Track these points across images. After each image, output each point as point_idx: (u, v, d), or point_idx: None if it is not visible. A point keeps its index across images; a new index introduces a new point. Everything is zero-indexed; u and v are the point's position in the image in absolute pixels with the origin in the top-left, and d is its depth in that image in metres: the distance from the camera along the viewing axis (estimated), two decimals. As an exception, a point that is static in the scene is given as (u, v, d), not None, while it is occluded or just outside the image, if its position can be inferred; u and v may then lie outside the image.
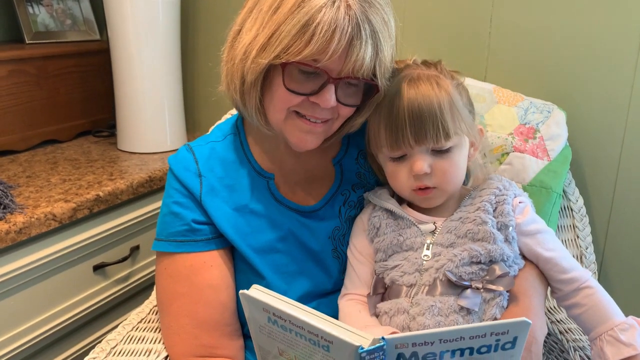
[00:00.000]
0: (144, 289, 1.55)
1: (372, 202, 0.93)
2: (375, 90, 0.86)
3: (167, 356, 0.94)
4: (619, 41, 1.19)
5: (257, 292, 0.70)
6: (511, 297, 0.82)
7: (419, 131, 0.82)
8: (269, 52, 0.80)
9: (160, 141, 1.66)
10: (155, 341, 0.97)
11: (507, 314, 0.81)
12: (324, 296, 0.95)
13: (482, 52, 1.33)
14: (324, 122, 0.87)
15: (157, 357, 0.93)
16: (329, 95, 0.82)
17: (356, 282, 0.90)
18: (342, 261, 0.96)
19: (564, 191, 1.17)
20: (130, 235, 1.46)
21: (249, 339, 0.95)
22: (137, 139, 1.64)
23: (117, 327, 1.01)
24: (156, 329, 1.01)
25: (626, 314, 0.85)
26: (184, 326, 0.91)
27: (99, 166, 1.51)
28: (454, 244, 0.84)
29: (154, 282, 0.99)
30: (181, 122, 1.71)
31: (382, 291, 0.87)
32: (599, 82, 1.22)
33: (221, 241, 0.93)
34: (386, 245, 0.87)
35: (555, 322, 1.10)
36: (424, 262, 0.84)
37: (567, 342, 1.04)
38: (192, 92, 1.84)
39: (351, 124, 0.92)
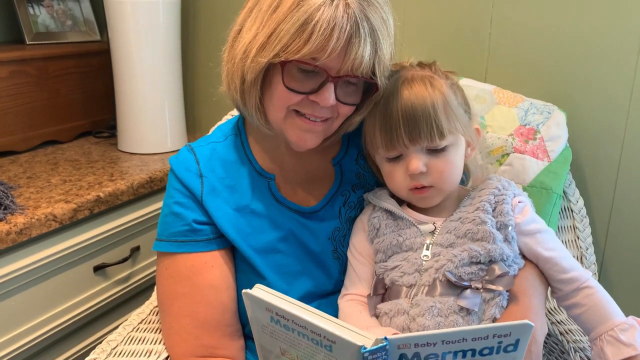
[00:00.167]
0: (145, 290, 1.55)
1: (371, 202, 0.93)
2: (374, 89, 0.86)
3: (168, 357, 0.94)
4: (619, 42, 1.19)
5: (260, 291, 0.70)
6: (511, 297, 0.82)
7: (412, 131, 0.83)
8: (269, 50, 0.81)
9: (160, 142, 1.66)
10: (155, 342, 0.97)
11: (506, 313, 0.81)
12: (325, 297, 0.96)
13: (482, 53, 1.33)
14: (324, 121, 0.88)
15: (157, 358, 0.93)
16: (328, 93, 0.83)
17: (356, 283, 0.91)
18: (343, 262, 0.96)
19: (564, 192, 1.17)
20: (130, 236, 1.46)
21: (250, 340, 0.95)
22: (138, 139, 1.64)
23: (117, 327, 1.01)
24: (157, 330, 1.01)
25: (626, 314, 0.85)
26: (185, 326, 0.91)
27: (99, 167, 1.51)
28: (453, 244, 0.85)
29: (155, 283, 0.99)
30: (181, 122, 1.71)
31: (382, 292, 0.87)
32: (599, 83, 1.22)
33: (222, 241, 0.93)
34: (386, 245, 0.88)
35: (555, 323, 1.10)
36: (424, 262, 0.84)
37: (568, 343, 1.04)
38: (193, 92, 1.84)
39: (349, 123, 0.92)
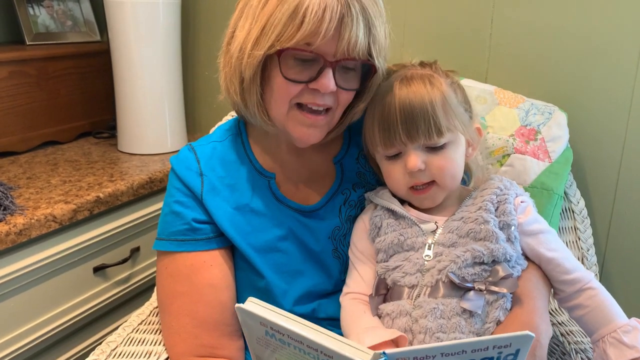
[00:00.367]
0: (145, 291, 1.54)
1: (373, 201, 0.93)
2: (372, 71, 0.87)
3: (167, 358, 0.94)
4: (620, 42, 1.18)
5: (253, 305, 0.70)
6: (515, 299, 0.82)
7: (410, 128, 0.83)
8: (264, 43, 0.82)
9: (160, 142, 1.65)
10: (155, 343, 0.97)
11: (511, 316, 0.81)
12: (325, 297, 0.95)
13: (483, 53, 1.33)
14: (326, 112, 0.88)
15: (157, 359, 0.93)
16: (327, 79, 0.83)
17: (359, 282, 0.90)
18: (343, 261, 0.96)
19: (565, 193, 1.17)
20: (130, 236, 1.46)
21: (250, 341, 0.95)
22: (138, 140, 1.64)
23: (117, 329, 1.01)
24: (156, 331, 1.00)
25: (628, 315, 0.85)
26: (185, 326, 0.91)
27: (99, 167, 1.51)
28: (455, 243, 0.84)
29: (155, 284, 0.99)
30: (181, 123, 1.71)
31: (384, 292, 0.87)
32: (600, 83, 1.22)
33: (222, 240, 0.93)
34: (387, 244, 0.87)
35: (556, 324, 1.09)
36: (426, 262, 0.84)
37: (569, 344, 1.04)
38: (193, 93, 1.84)
39: (353, 112, 0.93)
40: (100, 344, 0.96)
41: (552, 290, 0.89)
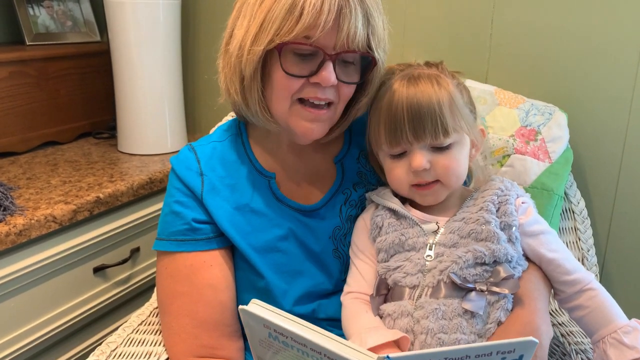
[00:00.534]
0: (145, 291, 1.54)
1: (374, 201, 0.93)
2: (373, 63, 0.87)
3: (167, 358, 0.94)
4: (620, 43, 1.18)
5: (256, 307, 0.69)
6: (516, 300, 0.82)
7: (417, 127, 0.83)
8: (263, 38, 0.82)
9: (160, 143, 1.65)
10: (155, 344, 0.97)
11: (512, 317, 0.80)
12: (325, 297, 0.95)
13: (483, 53, 1.33)
14: (328, 107, 0.88)
15: (157, 360, 0.93)
16: (328, 72, 0.83)
17: (360, 281, 0.90)
18: (343, 261, 0.96)
19: (565, 193, 1.17)
20: (130, 237, 1.46)
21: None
22: (138, 140, 1.64)
23: (117, 329, 1.01)
24: (156, 332, 1.00)
25: (628, 316, 0.85)
26: (185, 326, 0.91)
27: (99, 168, 1.51)
28: (457, 244, 0.84)
29: (155, 285, 0.99)
30: (182, 123, 1.71)
31: (385, 292, 0.87)
32: (600, 83, 1.22)
33: (222, 240, 0.93)
34: (388, 244, 0.87)
35: (557, 325, 1.09)
36: (427, 262, 0.84)
37: (569, 345, 1.04)
38: (193, 93, 1.84)
39: (357, 107, 0.93)
40: (100, 344, 0.96)
41: (552, 291, 0.89)
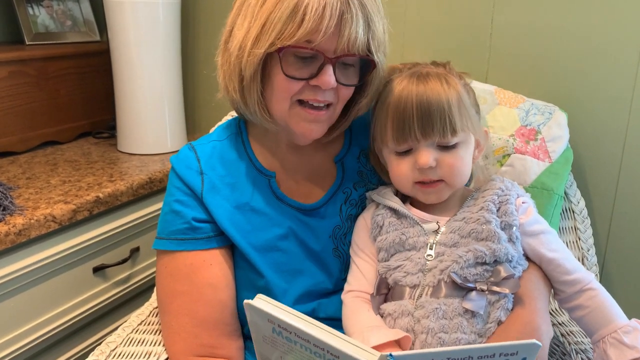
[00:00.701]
0: (144, 291, 1.54)
1: (375, 200, 0.93)
2: (372, 66, 0.87)
3: (167, 358, 0.94)
4: (620, 42, 1.18)
5: (262, 302, 0.70)
6: (516, 299, 0.82)
7: (426, 125, 0.83)
8: (264, 41, 0.82)
9: (160, 142, 1.65)
10: (155, 343, 0.97)
11: (512, 316, 0.80)
12: (325, 296, 0.95)
13: (483, 53, 1.33)
14: (327, 108, 0.89)
15: (157, 360, 0.93)
16: (328, 75, 0.84)
17: (361, 280, 0.90)
18: (343, 260, 0.96)
19: (565, 193, 1.17)
20: (130, 237, 1.46)
21: (249, 340, 0.94)
22: (138, 140, 1.64)
23: (116, 329, 1.01)
24: (156, 332, 1.00)
25: (628, 316, 0.85)
26: (184, 325, 0.91)
27: (98, 167, 1.51)
28: (457, 243, 0.84)
29: (154, 284, 0.99)
30: (181, 123, 1.71)
31: (385, 292, 0.87)
32: (600, 83, 1.22)
33: (222, 239, 0.93)
34: (388, 243, 0.87)
35: (557, 325, 1.09)
36: (427, 262, 0.84)
37: (569, 344, 1.04)
38: (193, 93, 1.84)
39: (357, 108, 0.93)
40: (99, 344, 0.96)
41: (552, 291, 0.89)
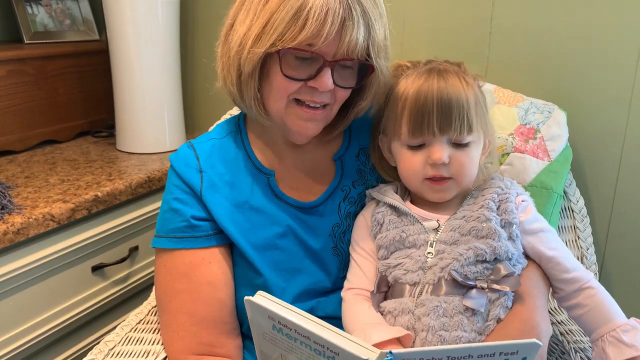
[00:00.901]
0: (143, 290, 1.54)
1: (375, 198, 0.93)
2: (370, 70, 0.87)
3: (166, 357, 0.94)
4: (620, 41, 1.18)
5: (262, 299, 0.70)
6: (515, 297, 0.82)
7: (444, 119, 0.83)
8: (265, 41, 0.82)
9: (159, 142, 1.65)
10: (153, 342, 0.97)
11: (512, 314, 0.81)
12: (323, 295, 0.95)
13: (482, 52, 1.33)
14: (323, 108, 0.89)
15: (155, 359, 0.93)
16: (326, 78, 0.84)
17: (361, 277, 0.90)
18: (342, 259, 0.96)
19: (564, 192, 1.17)
20: (129, 235, 1.46)
21: (249, 339, 0.94)
22: (136, 139, 1.64)
23: (115, 328, 1.01)
24: (155, 330, 1.00)
25: (627, 315, 0.85)
26: (183, 324, 0.91)
27: (97, 166, 1.51)
28: (457, 241, 0.84)
29: (153, 283, 0.99)
30: (180, 122, 1.70)
31: (385, 290, 0.87)
32: (599, 82, 1.22)
33: (221, 237, 0.93)
34: (389, 241, 0.87)
35: (556, 324, 1.09)
36: (428, 259, 0.84)
37: (568, 343, 1.04)
38: (192, 92, 1.83)
39: (356, 110, 0.94)
40: (98, 343, 0.96)
41: (551, 289, 0.89)
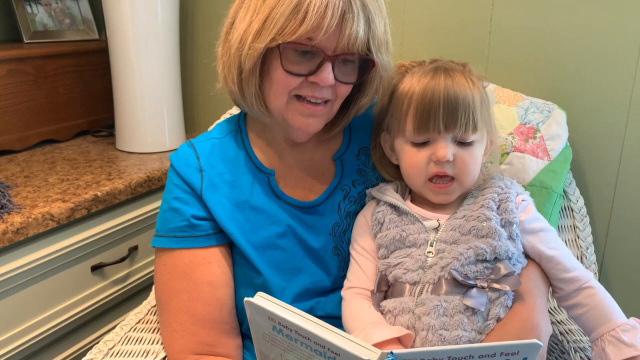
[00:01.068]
0: (142, 290, 1.54)
1: (375, 197, 0.93)
2: (370, 65, 0.87)
3: (165, 357, 0.93)
4: (619, 41, 1.18)
5: (262, 300, 0.69)
6: (515, 297, 0.82)
7: (450, 117, 0.83)
8: (265, 36, 0.82)
9: (159, 141, 1.65)
10: (153, 342, 0.97)
11: (511, 313, 0.81)
12: (323, 294, 0.95)
13: (482, 51, 1.33)
14: (324, 104, 0.89)
15: (155, 358, 0.93)
16: (327, 73, 0.84)
17: (362, 277, 0.90)
18: (342, 258, 0.96)
19: (564, 191, 1.17)
20: (128, 235, 1.46)
21: (247, 339, 0.94)
22: (136, 138, 1.64)
23: (115, 327, 1.01)
24: (154, 330, 1.00)
25: (627, 314, 0.85)
26: (183, 323, 0.91)
27: (97, 166, 1.51)
28: (457, 241, 0.84)
29: (153, 283, 0.99)
30: (180, 122, 1.70)
31: (385, 289, 0.87)
32: (599, 81, 1.22)
33: (221, 237, 0.93)
34: (389, 240, 0.87)
35: (555, 323, 1.09)
36: (428, 259, 0.84)
37: (568, 343, 1.04)
38: (191, 92, 1.83)
39: (357, 107, 0.94)
40: (97, 342, 0.96)
41: (550, 289, 0.89)
